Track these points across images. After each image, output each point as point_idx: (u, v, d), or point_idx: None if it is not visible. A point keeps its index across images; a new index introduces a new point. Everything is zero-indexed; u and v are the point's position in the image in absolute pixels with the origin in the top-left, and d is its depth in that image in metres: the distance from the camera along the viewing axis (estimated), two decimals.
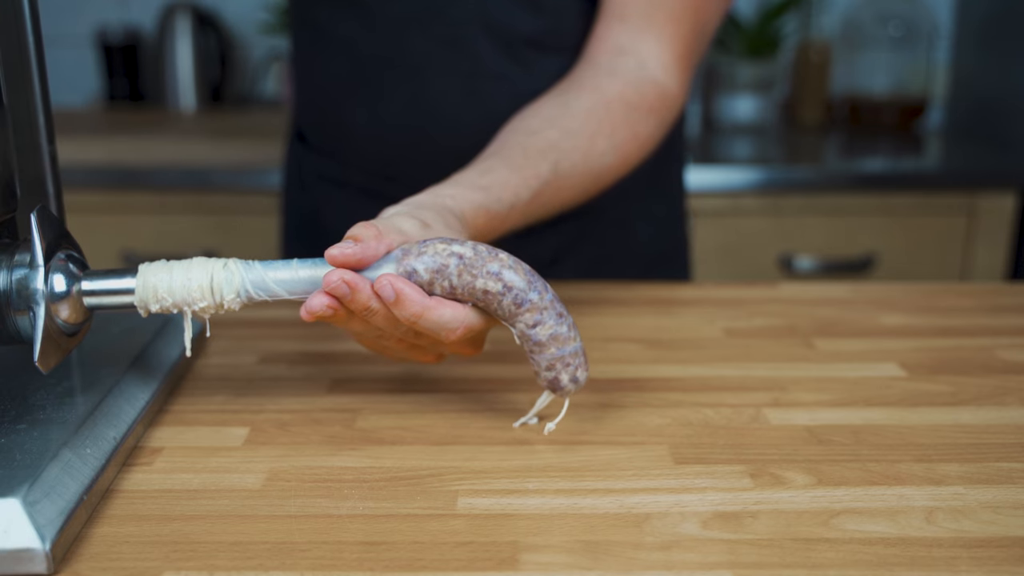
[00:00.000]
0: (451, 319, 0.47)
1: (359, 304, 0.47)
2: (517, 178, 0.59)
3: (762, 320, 0.71)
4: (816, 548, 0.41)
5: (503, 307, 0.47)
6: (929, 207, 1.48)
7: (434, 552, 0.40)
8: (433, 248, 0.47)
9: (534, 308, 0.47)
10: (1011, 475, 0.47)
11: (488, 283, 0.47)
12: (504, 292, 0.47)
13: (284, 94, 1.94)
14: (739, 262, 1.48)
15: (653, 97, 0.68)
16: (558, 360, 0.48)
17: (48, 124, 0.53)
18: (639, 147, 0.68)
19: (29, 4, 0.51)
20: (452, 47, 0.76)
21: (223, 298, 0.47)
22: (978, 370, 0.61)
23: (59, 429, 0.46)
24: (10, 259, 0.46)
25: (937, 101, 1.89)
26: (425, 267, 0.47)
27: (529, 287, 0.47)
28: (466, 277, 0.46)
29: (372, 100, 0.79)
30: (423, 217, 0.51)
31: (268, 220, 1.45)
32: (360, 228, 0.48)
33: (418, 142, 0.79)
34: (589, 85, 0.68)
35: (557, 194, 0.63)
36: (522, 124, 0.65)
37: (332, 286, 0.46)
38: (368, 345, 0.52)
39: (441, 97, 0.78)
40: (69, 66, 1.98)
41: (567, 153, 0.62)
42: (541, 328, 0.48)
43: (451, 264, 0.46)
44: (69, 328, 0.47)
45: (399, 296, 0.46)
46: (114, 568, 0.39)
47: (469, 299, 0.48)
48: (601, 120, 0.65)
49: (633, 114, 0.67)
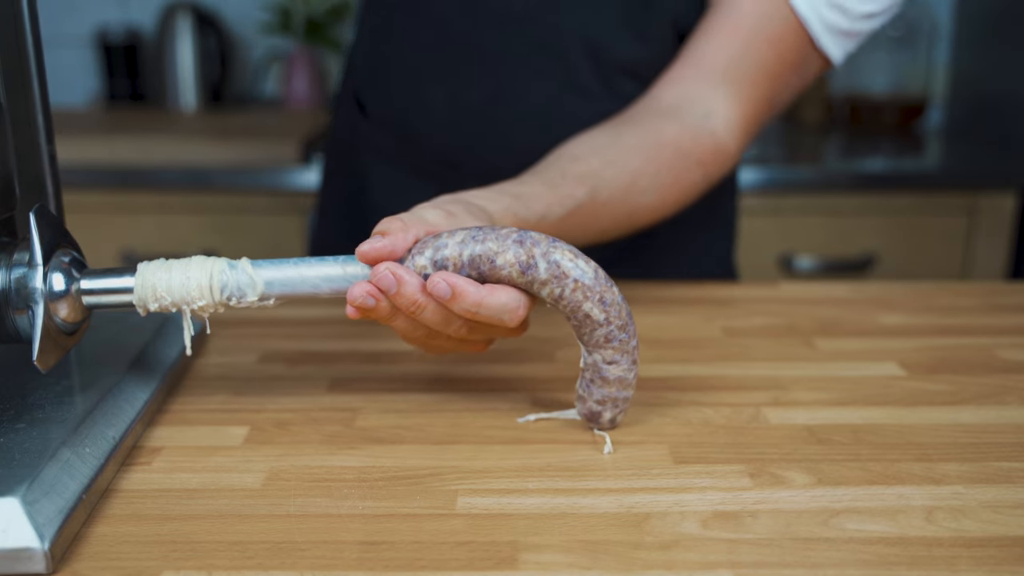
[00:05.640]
0: (509, 301, 0.47)
1: (406, 299, 0.46)
2: (551, 195, 0.58)
3: (762, 319, 0.71)
4: (816, 548, 0.41)
5: (593, 334, 0.48)
6: (929, 207, 1.48)
7: (434, 552, 0.40)
8: (568, 255, 0.46)
9: (619, 349, 0.48)
10: (1011, 475, 0.47)
11: (595, 310, 0.47)
12: (604, 323, 0.47)
13: (284, 94, 1.94)
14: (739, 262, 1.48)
15: (707, 149, 0.68)
16: (611, 400, 0.50)
17: (47, 124, 0.53)
18: (680, 193, 0.68)
19: (28, 4, 0.51)
20: (547, 54, 0.76)
21: (221, 297, 0.47)
22: (978, 370, 0.61)
23: (58, 428, 0.45)
24: (9, 258, 0.46)
25: (937, 101, 1.89)
26: (548, 272, 0.46)
27: (623, 328, 0.48)
28: (578, 296, 0.46)
29: (455, 84, 0.78)
30: (448, 208, 0.50)
31: (268, 220, 1.45)
32: (386, 223, 0.47)
33: (488, 136, 0.78)
34: (646, 123, 0.67)
35: (591, 220, 0.62)
36: (568, 150, 0.64)
37: (378, 277, 0.46)
38: (414, 342, 0.51)
39: (524, 99, 0.77)
40: (69, 66, 1.98)
41: (607, 182, 0.62)
42: (615, 367, 0.49)
43: (572, 275, 0.46)
44: (68, 327, 0.47)
45: (455, 290, 0.46)
46: (113, 568, 0.39)
47: (564, 310, 0.47)
48: (648, 159, 0.65)
49: (682, 161, 0.66)
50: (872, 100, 1.81)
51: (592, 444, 0.50)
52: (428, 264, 0.47)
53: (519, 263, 0.46)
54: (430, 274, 0.47)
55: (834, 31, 0.68)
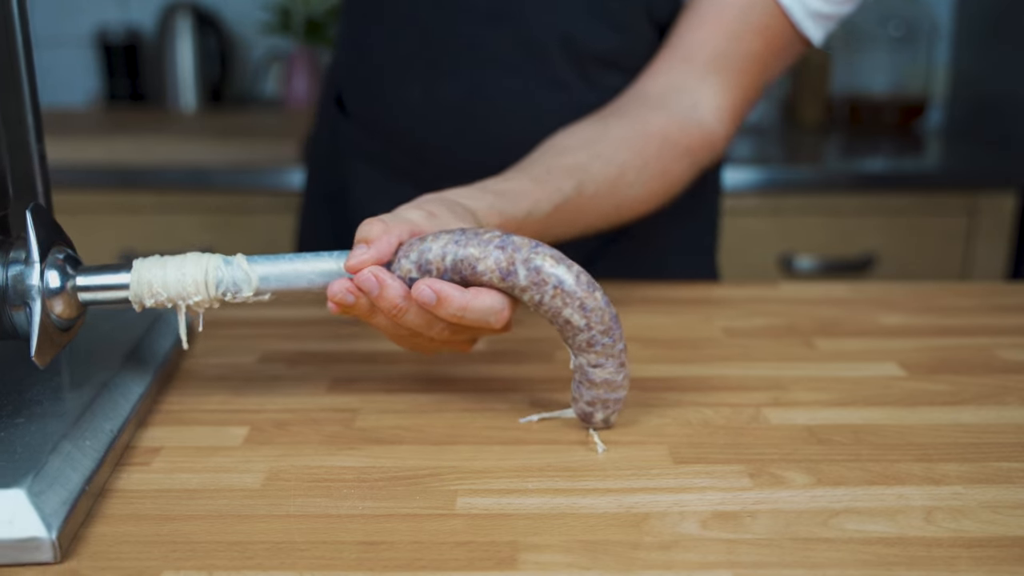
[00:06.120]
0: (494, 303, 0.47)
1: (387, 302, 0.46)
2: (538, 190, 0.58)
3: (762, 320, 0.71)
4: (815, 548, 0.40)
5: (576, 339, 0.48)
6: (929, 207, 1.48)
7: (433, 552, 0.40)
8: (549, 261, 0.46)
9: (603, 353, 0.48)
10: (1011, 475, 0.47)
11: (575, 315, 0.47)
12: (585, 328, 0.47)
13: (284, 94, 1.94)
14: (739, 262, 1.48)
15: (696, 138, 0.68)
16: (600, 401, 0.50)
17: (37, 123, 0.53)
18: (668, 185, 0.68)
19: (18, 3, 0.51)
20: (522, 48, 0.76)
21: (217, 292, 0.48)
22: (978, 370, 0.61)
23: (57, 422, 0.46)
24: (5, 256, 0.46)
25: (937, 101, 1.89)
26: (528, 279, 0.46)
27: (606, 333, 0.48)
28: (557, 302, 0.46)
29: (431, 80, 0.78)
30: (430, 208, 0.50)
31: (268, 220, 1.45)
32: (366, 227, 0.47)
33: (466, 131, 0.78)
34: (633, 115, 0.67)
35: (578, 215, 0.62)
36: (554, 144, 0.64)
37: (361, 280, 0.46)
38: (397, 340, 0.51)
39: (500, 94, 0.77)
40: (69, 66, 1.98)
41: (593, 176, 0.62)
42: (600, 370, 0.49)
43: (551, 282, 0.46)
44: (64, 323, 0.47)
45: (440, 296, 0.46)
46: (113, 568, 0.39)
47: (545, 315, 0.47)
48: (636, 151, 0.65)
49: (670, 151, 0.67)
50: (872, 100, 1.81)
51: (592, 444, 0.50)
52: (413, 268, 0.47)
53: (499, 269, 0.46)
54: (415, 278, 0.47)
55: (815, 16, 0.69)
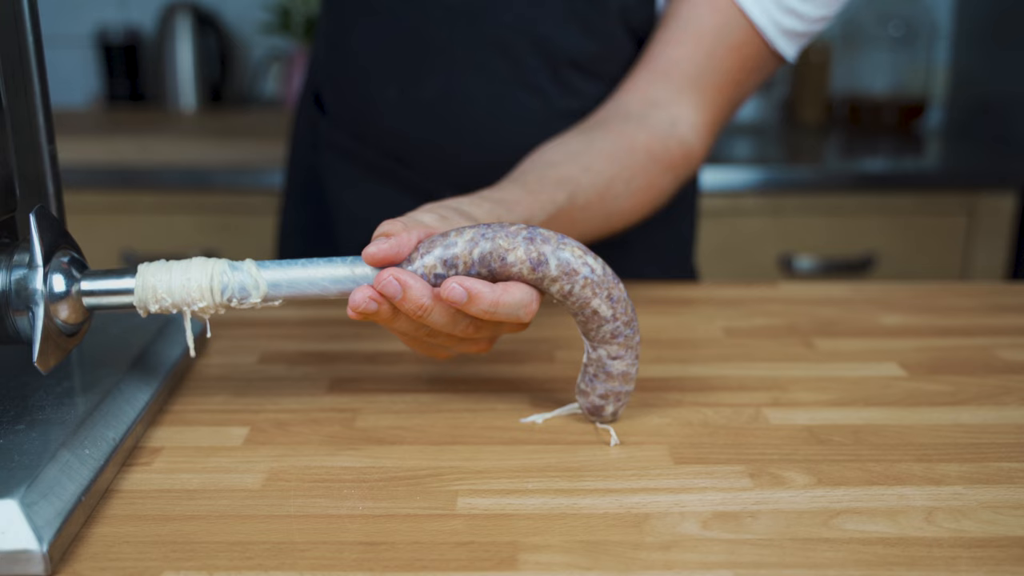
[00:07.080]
0: (524, 296, 0.47)
1: (412, 303, 0.46)
2: (532, 200, 0.58)
3: (762, 320, 0.71)
4: (816, 548, 0.41)
5: (600, 330, 0.48)
6: (929, 207, 1.48)
7: (434, 552, 0.40)
8: (577, 251, 0.47)
9: (624, 344, 0.49)
10: (1011, 475, 0.47)
11: (603, 306, 0.47)
12: (611, 319, 0.48)
13: (284, 94, 1.94)
14: (739, 262, 1.48)
15: (676, 154, 0.69)
16: (613, 394, 0.50)
17: (48, 124, 0.53)
18: (653, 198, 0.70)
19: (29, 4, 0.51)
20: (496, 50, 0.76)
21: (222, 298, 0.47)
22: (978, 370, 0.61)
23: (58, 430, 0.45)
24: (9, 259, 0.46)
25: (937, 101, 1.89)
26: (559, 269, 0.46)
27: (628, 324, 0.48)
28: (587, 292, 0.47)
29: (406, 80, 0.79)
30: (440, 212, 0.51)
31: (268, 220, 1.45)
32: (387, 225, 0.48)
33: (441, 132, 0.79)
34: (616, 129, 0.68)
35: (571, 225, 0.62)
36: (543, 156, 0.65)
37: (382, 284, 0.46)
38: (416, 346, 0.51)
39: (474, 94, 0.77)
40: (69, 66, 1.98)
41: (584, 188, 0.62)
42: (619, 362, 0.49)
43: (582, 273, 0.47)
44: (68, 328, 0.47)
45: (471, 294, 0.46)
46: (113, 568, 0.39)
47: (572, 306, 0.48)
48: (623, 165, 0.66)
49: (654, 166, 0.68)
50: (872, 100, 1.81)
51: (592, 444, 0.50)
52: (437, 263, 0.47)
53: (530, 260, 0.46)
54: (440, 273, 0.47)
55: (789, 34, 0.70)
